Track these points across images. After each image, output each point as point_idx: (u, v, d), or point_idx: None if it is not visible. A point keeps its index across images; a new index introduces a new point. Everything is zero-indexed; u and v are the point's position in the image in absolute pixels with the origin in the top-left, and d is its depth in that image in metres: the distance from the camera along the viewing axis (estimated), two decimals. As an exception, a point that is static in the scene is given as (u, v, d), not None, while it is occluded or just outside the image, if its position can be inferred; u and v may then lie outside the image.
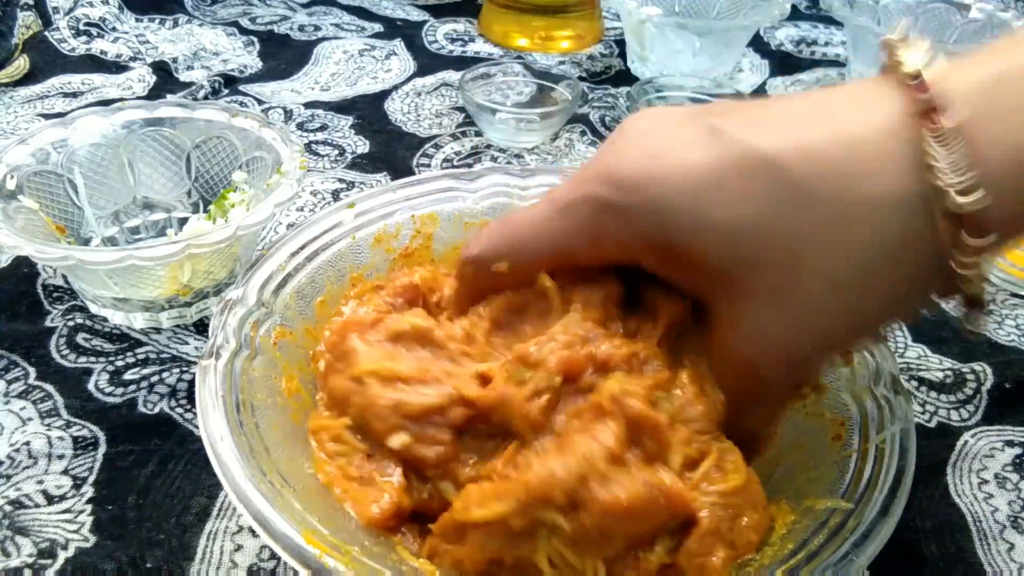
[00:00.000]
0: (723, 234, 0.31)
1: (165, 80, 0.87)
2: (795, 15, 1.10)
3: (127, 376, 0.51)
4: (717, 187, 0.31)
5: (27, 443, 0.46)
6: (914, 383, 0.54)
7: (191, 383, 0.50)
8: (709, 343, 0.38)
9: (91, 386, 0.50)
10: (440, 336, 0.41)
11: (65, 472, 0.45)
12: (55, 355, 0.52)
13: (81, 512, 0.43)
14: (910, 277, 0.31)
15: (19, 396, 0.49)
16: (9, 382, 0.50)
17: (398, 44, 0.98)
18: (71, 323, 0.54)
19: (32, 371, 0.51)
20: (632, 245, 0.34)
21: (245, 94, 0.85)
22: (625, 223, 0.34)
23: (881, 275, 0.31)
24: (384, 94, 0.87)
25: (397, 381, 0.39)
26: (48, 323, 0.54)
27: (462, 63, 0.94)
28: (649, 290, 0.40)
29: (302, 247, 0.49)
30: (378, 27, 1.03)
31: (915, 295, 0.33)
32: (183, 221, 0.61)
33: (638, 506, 0.33)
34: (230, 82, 0.87)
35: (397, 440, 0.38)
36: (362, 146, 0.78)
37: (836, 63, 1.01)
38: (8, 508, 0.43)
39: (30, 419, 0.48)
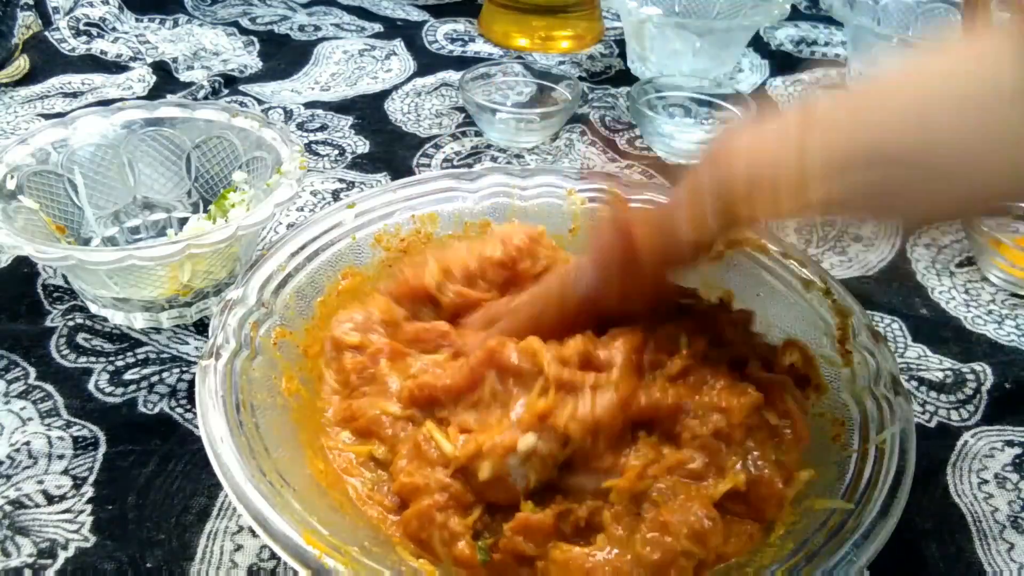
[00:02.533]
0: None
1: (165, 80, 0.87)
2: (795, 15, 1.10)
3: (127, 376, 0.51)
4: None
5: (27, 443, 0.46)
6: (914, 383, 0.54)
7: (191, 383, 0.50)
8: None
9: (91, 386, 0.50)
10: None
11: (65, 472, 0.45)
12: (55, 355, 0.52)
13: (81, 512, 0.43)
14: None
15: (19, 396, 0.49)
16: (9, 382, 0.50)
17: (398, 44, 0.98)
18: (71, 323, 0.54)
19: (32, 371, 0.51)
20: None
21: (245, 94, 0.85)
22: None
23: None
24: (384, 94, 0.87)
25: None
26: (48, 323, 0.54)
27: (462, 63, 0.94)
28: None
29: (302, 247, 0.49)
30: (378, 27, 1.03)
31: None
32: (183, 221, 0.61)
33: None
34: (230, 82, 0.87)
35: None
36: (362, 146, 0.78)
37: (836, 63, 1.01)
38: (8, 508, 0.43)
39: (30, 419, 0.48)
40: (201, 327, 0.55)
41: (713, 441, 0.38)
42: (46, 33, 0.90)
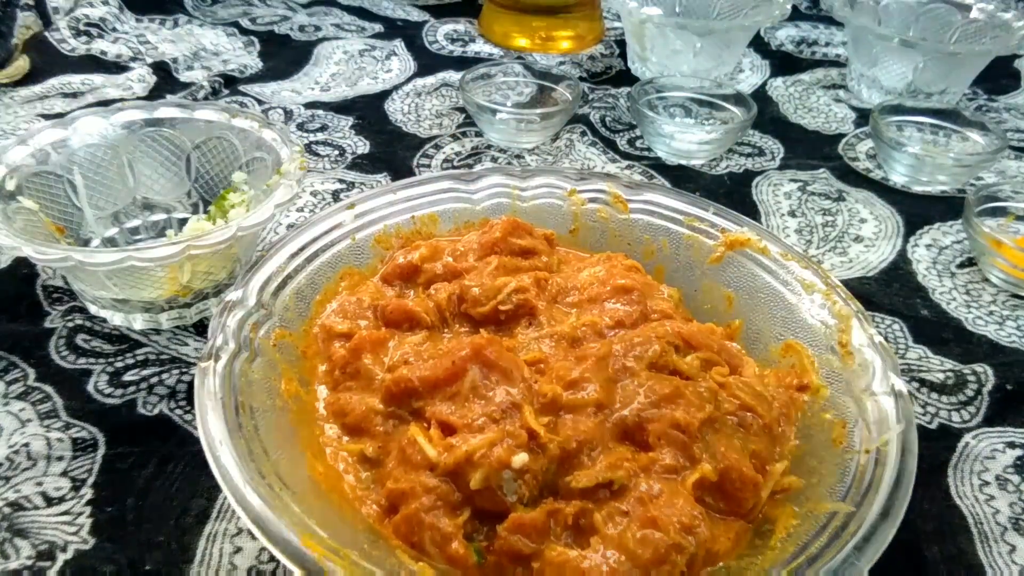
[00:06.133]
0: None
1: (165, 80, 0.87)
2: (795, 15, 1.10)
3: (126, 377, 0.51)
4: None
5: (26, 445, 0.46)
6: (915, 384, 0.54)
7: (190, 385, 0.50)
8: None
9: (90, 387, 0.50)
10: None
11: (64, 474, 0.45)
12: (54, 356, 0.52)
13: (80, 514, 0.43)
14: None
15: (18, 397, 0.49)
16: (8, 383, 0.50)
17: (398, 44, 0.98)
18: (70, 324, 0.54)
19: (31, 372, 0.51)
20: None
21: (245, 94, 0.85)
22: None
23: None
24: (384, 94, 0.87)
25: None
26: (48, 324, 0.54)
27: (462, 63, 0.94)
28: None
29: (302, 248, 0.49)
30: (378, 27, 1.03)
31: None
32: (183, 222, 0.61)
33: None
34: (230, 82, 0.87)
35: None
36: (362, 146, 0.78)
37: (836, 63, 1.01)
38: (7, 510, 0.43)
39: (29, 420, 0.48)
40: (200, 328, 0.55)
41: (674, 433, 0.38)
42: (46, 33, 0.90)
